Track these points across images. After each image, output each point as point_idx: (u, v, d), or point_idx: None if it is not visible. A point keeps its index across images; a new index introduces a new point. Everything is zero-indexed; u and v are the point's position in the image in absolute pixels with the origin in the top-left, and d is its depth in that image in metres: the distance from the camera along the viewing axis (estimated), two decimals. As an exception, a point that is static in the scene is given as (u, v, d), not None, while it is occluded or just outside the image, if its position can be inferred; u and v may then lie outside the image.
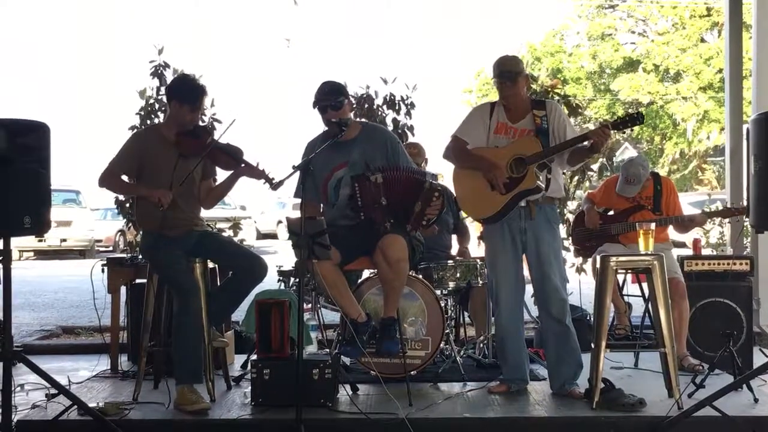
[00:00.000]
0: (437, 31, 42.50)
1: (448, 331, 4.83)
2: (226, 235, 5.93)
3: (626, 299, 5.43)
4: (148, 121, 6.06)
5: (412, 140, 6.17)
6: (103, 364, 5.15)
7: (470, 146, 4.35)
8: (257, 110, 27.80)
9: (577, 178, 6.46)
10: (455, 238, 5.82)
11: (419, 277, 4.81)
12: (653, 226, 4.34)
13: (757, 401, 4.06)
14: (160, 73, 6.13)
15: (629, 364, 5.02)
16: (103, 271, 5.07)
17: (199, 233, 4.43)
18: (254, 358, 4.36)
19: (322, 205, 4.57)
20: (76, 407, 3.88)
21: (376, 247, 4.28)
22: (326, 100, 4.37)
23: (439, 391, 4.48)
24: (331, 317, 5.70)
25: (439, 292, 4.89)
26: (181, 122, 4.33)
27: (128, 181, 4.39)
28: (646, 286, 4.49)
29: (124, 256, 5.72)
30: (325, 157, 4.30)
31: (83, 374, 5.07)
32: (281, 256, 9.72)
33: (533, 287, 4.40)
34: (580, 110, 7.16)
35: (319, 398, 4.06)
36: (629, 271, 4.77)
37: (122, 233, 16.05)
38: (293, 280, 5.24)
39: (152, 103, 6.14)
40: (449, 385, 4.59)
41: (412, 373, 4.46)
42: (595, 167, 6.55)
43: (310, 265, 4.10)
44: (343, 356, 4.56)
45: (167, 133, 4.36)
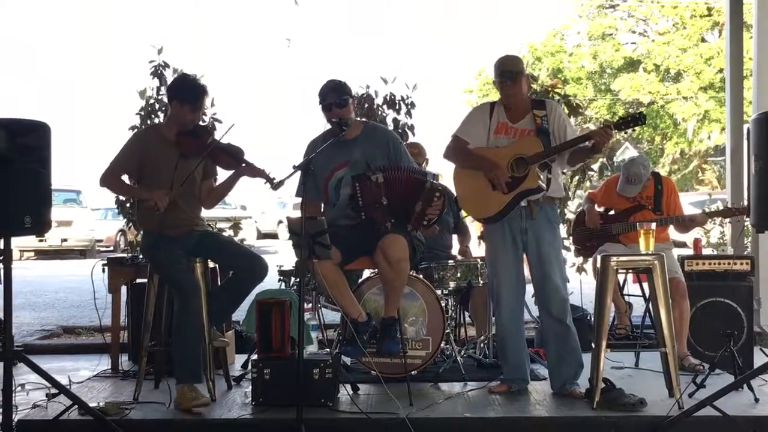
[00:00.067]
0: (437, 31, 42.56)
1: (448, 330, 4.82)
2: (226, 234, 5.92)
3: (627, 299, 5.44)
4: (148, 121, 6.06)
5: (412, 140, 6.16)
6: (103, 363, 5.16)
7: (471, 146, 4.35)
8: (257, 110, 27.85)
9: (577, 177, 6.45)
10: (456, 237, 5.82)
11: (420, 276, 4.81)
12: (654, 225, 4.34)
13: (757, 401, 4.06)
14: (160, 73, 6.13)
15: (630, 363, 5.02)
16: (103, 270, 5.07)
17: (199, 233, 4.43)
18: (255, 357, 4.35)
19: (322, 204, 4.57)
20: (76, 407, 3.88)
21: (376, 246, 4.27)
22: (332, 98, 4.37)
23: (439, 390, 4.48)
24: (331, 317, 5.70)
25: (439, 291, 4.89)
26: (181, 122, 4.33)
27: (129, 181, 4.39)
28: (646, 285, 4.49)
29: (124, 255, 5.72)
30: (326, 156, 4.30)
31: (84, 374, 5.07)
32: (282, 255, 9.72)
33: (534, 287, 4.40)
34: (580, 110, 7.15)
35: (319, 398, 4.06)
36: (630, 270, 4.77)
37: (123, 233, 16.04)
38: (294, 279, 5.24)
39: (152, 103, 6.13)
40: (450, 384, 4.59)
41: (412, 372, 4.46)
42: (595, 167, 6.54)
43: (310, 264, 4.10)
44: (343, 356, 4.56)
45: (168, 133, 4.36)
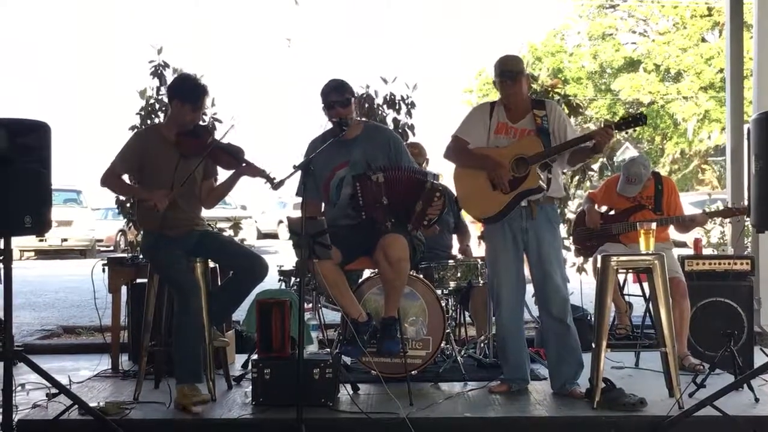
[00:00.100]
0: (437, 31, 42.55)
1: (448, 330, 4.82)
2: (226, 234, 5.92)
3: (627, 299, 5.44)
4: (148, 121, 6.06)
5: (412, 140, 6.16)
6: (103, 363, 5.16)
7: (471, 146, 4.34)
8: (257, 110, 27.83)
9: (577, 177, 6.45)
10: (456, 237, 5.82)
11: (420, 276, 4.81)
12: (654, 225, 4.34)
13: (757, 401, 4.06)
14: (160, 73, 6.13)
15: (630, 363, 5.02)
16: (103, 270, 5.07)
17: (199, 233, 4.43)
18: (255, 357, 4.35)
19: (323, 204, 4.57)
20: (76, 407, 3.88)
21: (377, 246, 4.27)
22: (334, 97, 4.37)
23: (439, 390, 4.48)
24: (331, 317, 5.70)
25: (439, 291, 4.90)
26: (182, 122, 4.33)
27: (130, 180, 4.39)
28: (646, 285, 4.49)
29: (124, 255, 5.73)
30: (326, 156, 4.29)
31: (84, 374, 5.07)
32: (282, 255, 9.72)
33: (534, 287, 4.40)
34: (580, 110, 7.14)
35: (319, 398, 4.06)
36: (630, 270, 4.77)
37: (123, 233, 16.05)
38: (294, 279, 5.24)
39: (152, 103, 6.13)
40: (450, 384, 4.59)
41: (412, 372, 4.46)
42: (595, 167, 6.54)
43: (310, 264, 4.09)
44: (343, 356, 4.56)
45: (168, 133, 4.36)
